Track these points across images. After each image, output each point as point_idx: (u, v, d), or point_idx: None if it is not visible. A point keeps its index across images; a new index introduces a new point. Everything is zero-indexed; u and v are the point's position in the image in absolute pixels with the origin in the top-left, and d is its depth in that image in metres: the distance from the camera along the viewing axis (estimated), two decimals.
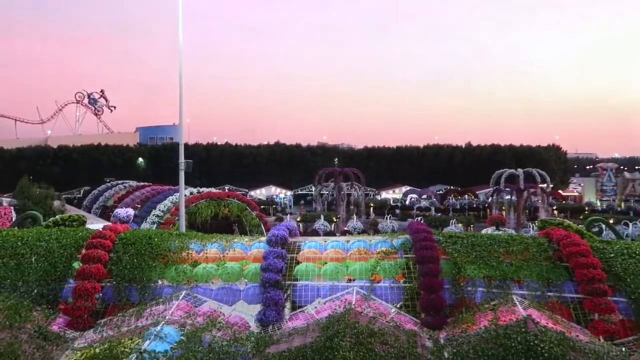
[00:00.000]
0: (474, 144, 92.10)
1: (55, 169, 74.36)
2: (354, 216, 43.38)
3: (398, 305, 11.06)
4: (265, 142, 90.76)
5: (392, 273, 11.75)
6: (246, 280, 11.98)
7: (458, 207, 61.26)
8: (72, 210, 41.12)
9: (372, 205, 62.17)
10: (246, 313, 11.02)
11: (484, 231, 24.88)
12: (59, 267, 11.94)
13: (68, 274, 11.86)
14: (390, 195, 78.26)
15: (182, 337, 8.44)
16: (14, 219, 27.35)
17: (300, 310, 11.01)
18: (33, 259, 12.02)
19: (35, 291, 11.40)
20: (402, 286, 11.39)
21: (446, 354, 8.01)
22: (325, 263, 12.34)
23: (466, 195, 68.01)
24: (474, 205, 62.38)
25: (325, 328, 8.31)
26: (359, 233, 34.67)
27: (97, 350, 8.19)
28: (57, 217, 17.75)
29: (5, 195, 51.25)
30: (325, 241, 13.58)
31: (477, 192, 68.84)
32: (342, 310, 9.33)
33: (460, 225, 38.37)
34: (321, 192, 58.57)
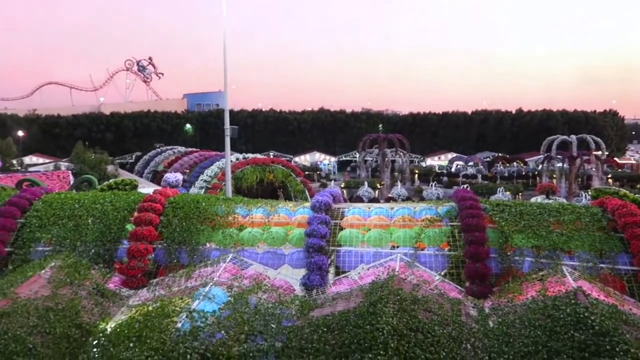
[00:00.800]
0: (525, 109, 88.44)
1: (108, 135, 77.27)
2: (398, 183, 43.02)
3: (442, 273, 10.97)
4: (310, 108, 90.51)
5: (437, 241, 11.63)
6: (290, 245, 12.19)
7: (506, 174, 59.52)
8: (125, 175, 42.89)
9: (416, 172, 61.38)
10: (291, 277, 11.25)
11: (533, 199, 24.12)
12: (114, 229, 12.52)
13: (122, 236, 12.43)
14: (436, 162, 76.83)
15: (229, 298, 8.72)
16: (71, 183, 28.81)
17: (343, 275, 11.13)
18: (90, 221, 12.65)
19: (93, 251, 12.04)
20: (446, 254, 11.27)
21: (491, 323, 7.92)
22: (369, 229, 12.34)
23: (515, 163, 65.79)
24: (523, 173, 60.39)
25: (369, 294, 8.36)
26: (403, 200, 34.38)
27: (150, 308, 8.60)
28: (111, 181, 18.52)
29: (63, 160, 53.99)
30: (369, 208, 13.54)
31: (527, 160, 66.48)
32: (385, 276, 9.35)
33: (508, 193, 37.32)
34: (365, 158, 58.21)
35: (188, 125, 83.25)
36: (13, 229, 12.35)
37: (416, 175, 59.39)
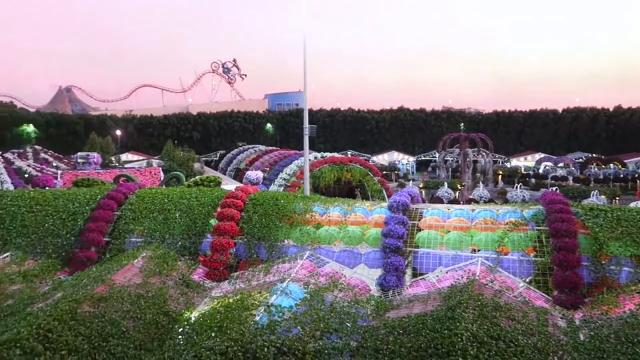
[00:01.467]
0: (625, 106, 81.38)
1: (195, 134, 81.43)
2: (481, 184, 41.34)
3: (527, 280, 10.39)
4: (388, 107, 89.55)
5: (522, 245, 11.03)
6: (367, 245, 12.13)
7: (601, 177, 55.08)
8: (210, 172, 45.01)
9: (500, 173, 58.63)
10: (367, 276, 11.20)
11: (632, 204, 22.14)
12: (199, 223, 13.17)
13: (206, 230, 13.04)
14: (522, 162, 72.92)
15: (305, 295, 8.85)
16: (161, 178, 30.72)
17: (421, 277, 10.89)
18: (177, 215, 13.40)
19: (179, 243, 12.75)
20: (532, 260, 10.65)
21: (582, 336, 7.37)
22: (448, 231, 11.97)
23: (611, 164, 60.71)
24: (621, 176, 55.54)
25: (447, 297, 8.11)
26: (485, 202, 33.01)
27: (231, 301, 8.94)
28: (196, 177, 19.53)
29: (155, 157, 57.71)
30: (449, 209, 13.14)
31: (626, 161, 61.14)
32: (465, 280, 9.03)
33: (603, 197, 34.45)
34: (445, 158, 56.58)
35: (269, 125, 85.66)
36: (111, 221, 13.39)
37: (500, 177, 56.72)
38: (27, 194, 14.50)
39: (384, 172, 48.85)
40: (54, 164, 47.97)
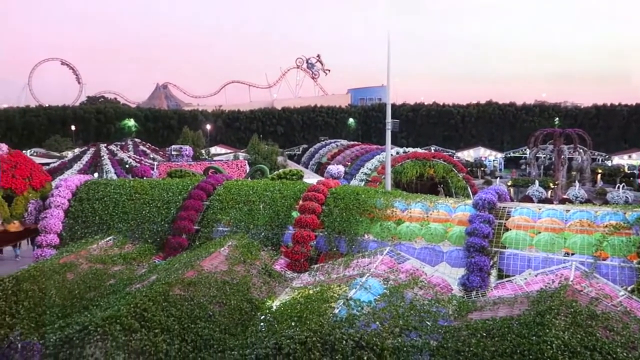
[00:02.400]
0: None
1: (279, 128, 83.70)
2: (576, 183, 38.52)
3: (629, 289, 9.53)
4: (475, 101, 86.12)
5: (623, 251, 10.12)
6: (450, 243, 11.78)
7: None
8: (292, 165, 46.07)
9: (599, 171, 54.29)
10: (448, 275, 10.88)
11: None
12: (281, 215, 13.52)
13: (288, 222, 13.36)
14: (625, 161, 66.90)
15: (385, 291, 8.78)
16: (247, 171, 31.92)
17: (507, 279, 10.37)
18: (261, 206, 13.85)
19: (263, 234, 13.18)
20: (635, 267, 9.75)
21: None
22: (539, 232, 11.29)
23: None
24: None
25: (536, 302, 7.66)
26: (581, 202, 30.71)
27: (311, 292, 9.09)
28: (280, 170, 20.05)
29: (241, 150, 60.12)
30: (540, 209, 12.38)
31: None
32: (556, 285, 8.47)
33: None
34: (537, 155, 53.35)
35: (351, 120, 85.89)
36: (200, 210, 14.14)
37: (599, 176, 52.55)
38: (128, 183, 15.72)
39: (469, 169, 47.10)
40: (151, 156, 51.61)
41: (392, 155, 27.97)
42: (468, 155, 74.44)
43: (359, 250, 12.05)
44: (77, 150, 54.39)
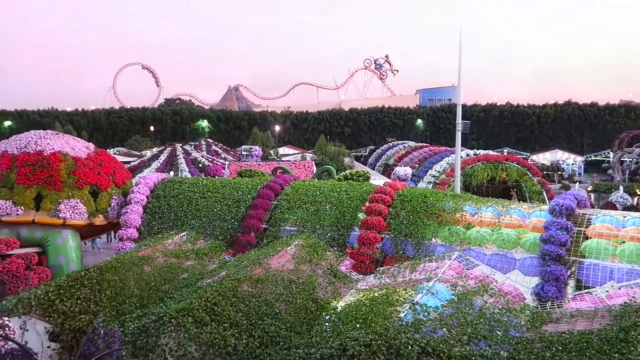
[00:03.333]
0: None
1: (346, 130, 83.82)
2: None
3: None
4: (552, 102, 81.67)
5: None
6: (523, 250, 11.26)
7: None
8: (359, 167, 45.99)
9: None
10: (521, 284, 10.40)
11: None
12: (347, 216, 13.55)
13: (354, 223, 13.36)
14: None
15: (452, 297, 8.55)
16: (314, 172, 32.28)
17: (586, 291, 9.75)
18: (327, 207, 13.95)
19: (329, 234, 13.27)
20: None
21: None
22: (623, 242, 10.52)
23: None
24: None
25: (619, 317, 7.14)
26: None
27: (376, 294, 9.03)
28: (346, 172, 20.10)
29: (308, 151, 60.88)
30: (625, 217, 11.53)
31: None
32: None
33: None
34: (622, 158, 49.75)
35: (419, 121, 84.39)
36: (269, 209, 14.48)
37: None
38: (201, 181, 16.41)
39: (545, 173, 44.70)
40: (223, 156, 53.55)
41: (462, 157, 27.18)
42: (544, 158, 70.68)
43: (426, 254, 11.82)
44: (155, 150, 57.51)
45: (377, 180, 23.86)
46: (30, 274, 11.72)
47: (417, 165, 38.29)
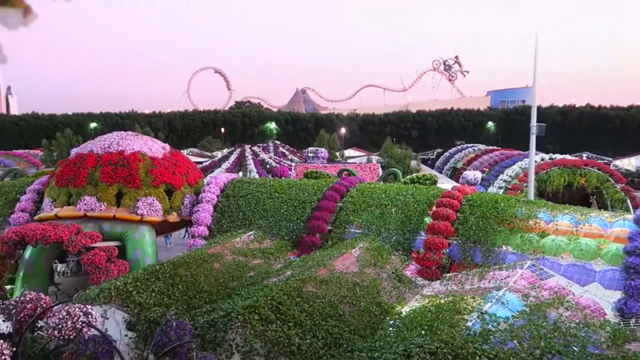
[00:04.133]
0: None
1: (413, 132, 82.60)
2: None
3: None
4: (639, 103, 75.88)
5: None
6: (603, 261, 10.53)
7: None
8: (426, 170, 45.09)
9: None
10: (601, 298, 9.73)
11: None
12: (413, 220, 13.31)
13: (420, 227, 13.11)
14: None
15: (524, 308, 8.16)
16: (380, 174, 32.02)
17: None
18: (393, 210, 13.79)
19: (394, 238, 13.11)
20: None
21: None
22: None
23: None
24: None
25: None
26: None
27: (442, 301, 8.81)
28: (413, 175, 19.77)
29: (374, 153, 60.54)
30: None
31: None
32: None
33: None
34: None
35: (490, 123, 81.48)
36: (334, 211, 14.54)
37: None
38: (268, 182, 16.78)
39: (630, 179, 41.57)
40: (289, 157, 54.48)
41: (536, 161, 25.89)
42: (628, 163, 65.72)
43: (495, 261, 11.37)
44: (225, 151, 59.57)
45: (445, 184, 23.27)
46: (110, 266, 12.50)
47: (487, 169, 36.94)
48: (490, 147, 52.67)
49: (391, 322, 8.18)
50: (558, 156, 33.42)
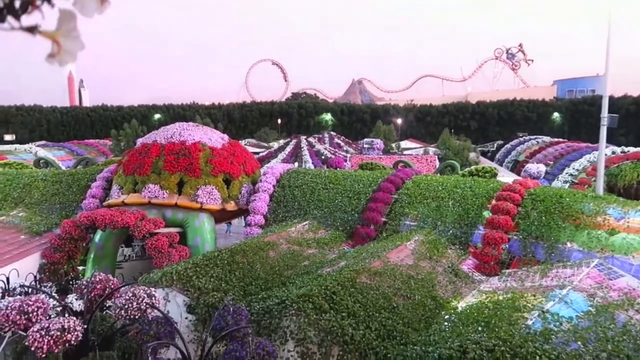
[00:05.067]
0: None
1: (472, 123, 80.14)
2: None
3: None
4: None
5: None
6: None
7: None
8: (485, 162, 43.71)
9: None
10: None
11: None
12: (471, 214, 12.96)
13: (478, 221, 12.74)
14: None
15: (590, 308, 7.75)
16: (436, 166, 31.37)
17: None
18: (450, 203, 13.48)
19: (451, 232, 12.82)
20: None
21: None
22: None
23: None
24: None
25: None
26: None
27: (501, 298, 8.53)
28: (472, 167, 19.21)
29: (431, 145, 59.38)
30: None
31: None
32: None
33: None
34: None
35: (556, 114, 77.57)
36: (389, 203, 14.41)
37: None
38: (323, 173, 16.86)
39: None
40: (344, 148, 54.45)
41: (606, 155, 24.44)
42: None
43: (559, 259, 10.87)
44: (281, 142, 60.45)
45: (506, 177, 22.45)
46: (172, 251, 13.05)
47: (551, 163, 35.31)
48: (556, 140, 50.26)
49: (446, 316, 8.03)
50: (631, 149, 31.38)
